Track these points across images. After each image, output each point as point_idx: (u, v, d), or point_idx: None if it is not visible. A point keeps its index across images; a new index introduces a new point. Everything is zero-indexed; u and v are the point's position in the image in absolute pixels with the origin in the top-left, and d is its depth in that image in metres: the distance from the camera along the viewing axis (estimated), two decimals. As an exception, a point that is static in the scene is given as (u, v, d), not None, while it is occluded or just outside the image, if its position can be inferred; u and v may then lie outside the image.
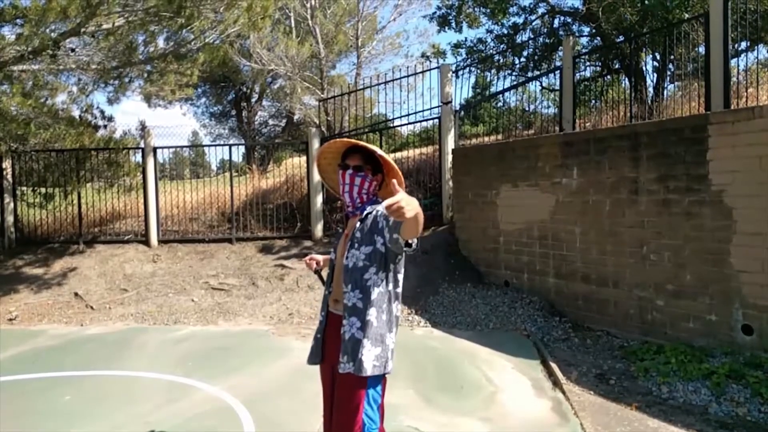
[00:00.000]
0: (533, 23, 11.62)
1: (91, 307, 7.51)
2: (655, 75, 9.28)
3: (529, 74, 10.99)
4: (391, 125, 10.94)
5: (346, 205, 2.41)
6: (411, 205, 1.86)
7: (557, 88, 8.79)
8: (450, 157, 8.51)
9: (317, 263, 2.75)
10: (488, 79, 11.12)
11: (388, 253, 2.24)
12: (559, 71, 8.23)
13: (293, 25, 12.30)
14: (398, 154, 11.43)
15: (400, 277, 2.33)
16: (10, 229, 9.50)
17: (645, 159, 5.39)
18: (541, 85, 10.45)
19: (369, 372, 2.19)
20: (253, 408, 4.10)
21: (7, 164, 9.49)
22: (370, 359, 2.20)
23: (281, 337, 6.12)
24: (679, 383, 4.27)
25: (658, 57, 8.84)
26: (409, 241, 2.13)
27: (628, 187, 5.55)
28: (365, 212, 2.32)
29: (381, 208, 2.28)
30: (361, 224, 2.30)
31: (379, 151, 2.27)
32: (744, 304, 4.63)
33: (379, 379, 2.28)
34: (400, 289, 2.32)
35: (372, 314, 2.22)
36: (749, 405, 3.88)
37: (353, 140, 2.40)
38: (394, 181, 2.01)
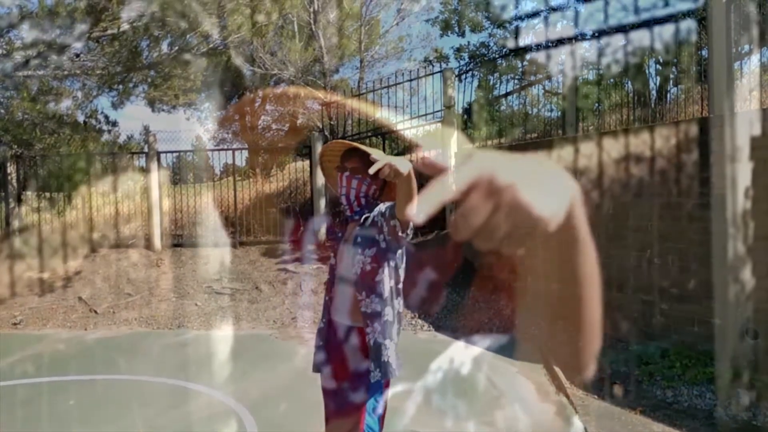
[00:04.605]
0: (536, 27, 11.64)
1: (95, 312, 7.52)
2: (658, 78, 9.26)
3: (532, 78, 10.98)
4: (394, 129, 10.94)
5: (344, 207, 2.36)
6: (402, 162, 1.88)
7: (560, 91, 8.79)
8: (453, 161, 8.50)
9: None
10: (491, 83, 11.12)
11: (389, 248, 2.22)
12: (561, 75, 8.24)
13: (296, 29, 12.33)
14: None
15: (401, 272, 2.31)
16: (15, 233, 9.54)
17: (648, 162, 5.38)
18: (544, 89, 10.44)
19: (397, 373, 2.20)
20: (256, 413, 4.09)
21: (12, 169, 9.53)
22: (394, 359, 2.21)
23: (284, 341, 6.12)
24: (684, 387, 4.25)
25: (661, 59, 8.83)
26: (407, 230, 2.14)
27: (632, 190, 5.54)
28: (363, 216, 2.28)
29: (378, 208, 2.28)
30: (360, 228, 2.27)
31: (374, 154, 2.08)
32: (750, 308, 4.60)
33: (380, 387, 2.24)
34: (401, 285, 2.31)
35: (389, 314, 2.22)
36: (754, 409, 3.86)
37: (349, 142, 2.35)
38: (370, 152, 1.99)
